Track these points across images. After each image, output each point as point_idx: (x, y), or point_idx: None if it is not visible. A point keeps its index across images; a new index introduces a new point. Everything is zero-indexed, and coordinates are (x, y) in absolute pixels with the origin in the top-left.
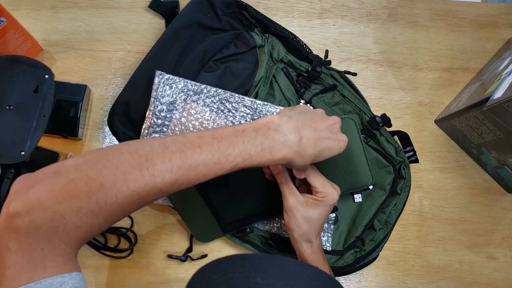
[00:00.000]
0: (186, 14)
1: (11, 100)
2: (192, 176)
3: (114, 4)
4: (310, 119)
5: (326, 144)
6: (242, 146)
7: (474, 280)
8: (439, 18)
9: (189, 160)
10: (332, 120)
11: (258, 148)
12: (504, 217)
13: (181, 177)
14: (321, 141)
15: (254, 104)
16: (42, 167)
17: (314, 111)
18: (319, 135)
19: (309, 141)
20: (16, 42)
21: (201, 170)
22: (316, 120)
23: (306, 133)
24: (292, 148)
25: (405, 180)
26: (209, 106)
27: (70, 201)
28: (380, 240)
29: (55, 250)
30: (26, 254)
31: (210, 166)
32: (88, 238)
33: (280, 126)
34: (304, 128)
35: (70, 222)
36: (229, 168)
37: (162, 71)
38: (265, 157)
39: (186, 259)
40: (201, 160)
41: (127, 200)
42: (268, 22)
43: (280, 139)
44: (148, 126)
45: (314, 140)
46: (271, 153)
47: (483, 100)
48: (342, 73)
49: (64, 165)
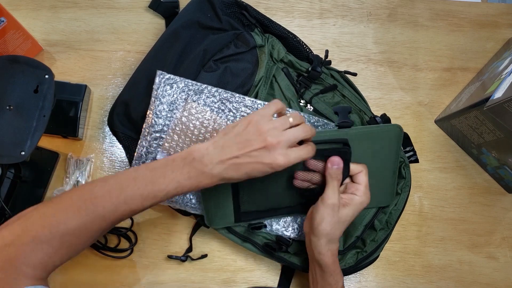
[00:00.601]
0: (186, 14)
1: (11, 100)
2: (132, 205)
3: (114, 4)
4: (241, 143)
5: (251, 167)
6: (172, 175)
7: (474, 280)
8: (439, 18)
9: (125, 190)
10: (262, 143)
11: (185, 176)
12: (504, 217)
13: (122, 206)
14: (245, 165)
15: (254, 104)
16: (42, 167)
17: (254, 130)
18: (244, 160)
19: (231, 168)
20: (16, 42)
21: (137, 199)
22: (247, 145)
23: (229, 162)
24: (214, 176)
25: (405, 180)
26: (209, 106)
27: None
28: (381, 241)
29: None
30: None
31: (145, 195)
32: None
33: (203, 156)
34: (228, 156)
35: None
36: (163, 195)
37: (162, 71)
38: (193, 184)
39: (186, 259)
40: (136, 189)
41: (79, 227)
42: (268, 22)
43: (203, 169)
44: (149, 126)
45: (237, 165)
46: (197, 181)
47: (483, 100)
48: (342, 73)
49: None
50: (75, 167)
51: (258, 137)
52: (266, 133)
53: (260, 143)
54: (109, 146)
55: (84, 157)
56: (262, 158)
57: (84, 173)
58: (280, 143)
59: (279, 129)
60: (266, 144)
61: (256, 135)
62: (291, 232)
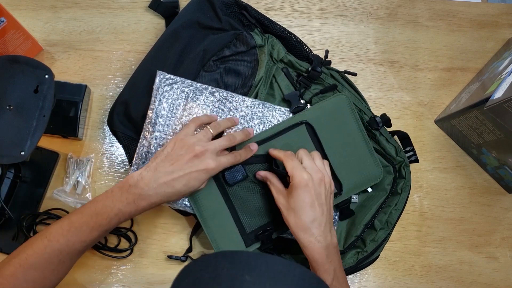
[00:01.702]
0: (186, 14)
1: (11, 100)
2: (82, 236)
3: (114, 4)
4: (173, 159)
5: (187, 178)
6: (112, 204)
7: (474, 280)
8: (439, 18)
9: (74, 224)
10: (192, 153)
11: (124, 203)
12: (504, 217)
13: (72, 238)
14: (181, 179)
15: (254, 104)
16: (42, 167)
17: (181, 145)
18: (178, 174)
19: (166, 185)
20: (16, 42)
21: (85, 230)
22: (178, 159)
23: (162, 180)
24: (152, 197)
25: (405, 180)
26: (209, 106)
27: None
28: (381, 241)
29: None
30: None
31: (91, 225)
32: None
33: (138, 181)
34: (161, 175)
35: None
36: (107, 223)
37: (162, 71)
38: (133, 208)
39: (186, 259)
40: (83, 221)
41: (40, 259)
42: (268, 22)
43: (140, 193)
44: (149, 125)
45: (172, 181)
46: (136, 205)
47: (483, 100)
48: (342, 73)
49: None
50: (75, 167)
51: (187, 150)
52: (193, 145)
53: (190, 153)
54: (109, 146)
55: (84, 157)
56: (196, 166)
57: (84, 173)
58: (208, 150)
59: (204, 140)
60: (195, 153)
61: (184, 149)
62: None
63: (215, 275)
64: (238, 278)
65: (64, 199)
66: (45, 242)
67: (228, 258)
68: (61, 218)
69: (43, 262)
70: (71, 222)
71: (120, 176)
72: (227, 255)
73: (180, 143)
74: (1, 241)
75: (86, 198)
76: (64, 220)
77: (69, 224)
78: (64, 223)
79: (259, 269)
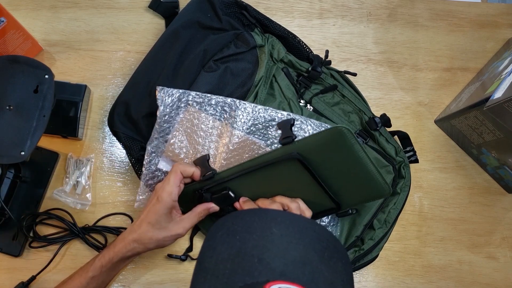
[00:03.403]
0: (186, 14)
1: (11, 100)
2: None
3: (114, 4)
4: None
5: (150, 212)
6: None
7: (474, 280)
8: (439, 18)
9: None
10: (159, 186)
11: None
12: (504, 217)
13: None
14: (145, 217)
15: (255, 109)
16: (42, 167)
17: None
18: (144, 215)
19: (137, 223)
20: (16, 42)
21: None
22: (147, 204)
23: (137, 222)
24: (126, 238)
25: (405, 180)
26: (210, 113)
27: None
28: (379, 239)
29: None
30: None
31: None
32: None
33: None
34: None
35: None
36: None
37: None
38: (110, 250)
39: (186, 258)
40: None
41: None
42: (268, 22)
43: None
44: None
45: (140, 221)
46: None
47: (483, 100)
48: (342, 73)
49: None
50: (75, 167)
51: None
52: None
53: (153, 196)
54: (109, 146)
55: (84, 157)
56: (152, 201)
57: (84, 173)
58: (163, 184)
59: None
60: (156, 195)
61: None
62: None
63: (247, 227)
64: (266, 230)
65: (64, 199)
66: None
67: (257, 214)
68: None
69: None
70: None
71: (120, 176)
72: (257, 211)
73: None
74: (1, 241)
75: (86, 198)
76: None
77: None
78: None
79: (284, 224)
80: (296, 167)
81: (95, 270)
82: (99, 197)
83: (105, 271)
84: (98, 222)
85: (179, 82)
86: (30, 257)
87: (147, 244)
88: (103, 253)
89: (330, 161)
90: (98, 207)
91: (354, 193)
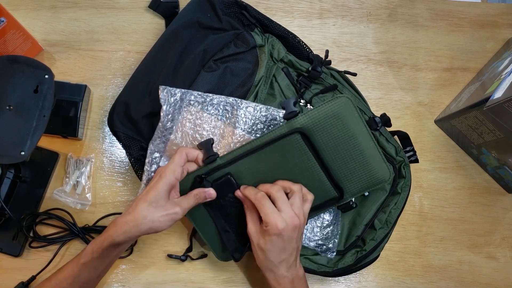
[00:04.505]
0: (186, 14)
1: (11, 100)
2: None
3: (114, 4)
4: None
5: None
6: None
7: (474, 280)
8: (439, 18)
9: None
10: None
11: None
12: (504, 217)
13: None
14: (138, 201)
15: (257, 108)
16: (42, 167)
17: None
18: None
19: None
20: (16, 42)
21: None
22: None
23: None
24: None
25: (405, 180)
26: (212, 113)
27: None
28: (380, 240)
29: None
30: None
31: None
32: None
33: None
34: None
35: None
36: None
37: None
38: (106, 233)
39: (186, 258)
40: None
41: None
42: (268, 22)
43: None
44: (160, 130)
45: (134, 204)
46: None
47: (483, 100)
48: (342, 73)
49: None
50: (75, 167)
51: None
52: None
53: (155, 176)
54: (109, 146)
55: (84, 157)
56: (154, 179)
57: (84, 173)
58: (167, 164)
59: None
60: (159, 173)
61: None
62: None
63: None
64: None
65: (64, 199)
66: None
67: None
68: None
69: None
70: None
71: (120, 176)
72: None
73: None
74: (1, 241)
75: (86, 198)
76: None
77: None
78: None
79: None
80: (299, 147)
81: (87, 256)
82: (99, 197)
83: (96, 257)
84: (98, 222)
85: (179, 82)
86: (30, 257)
87: (140, 226)
88: (94, 239)
89: (332, 138)
90: (98, 207)
91: (355, 178)
